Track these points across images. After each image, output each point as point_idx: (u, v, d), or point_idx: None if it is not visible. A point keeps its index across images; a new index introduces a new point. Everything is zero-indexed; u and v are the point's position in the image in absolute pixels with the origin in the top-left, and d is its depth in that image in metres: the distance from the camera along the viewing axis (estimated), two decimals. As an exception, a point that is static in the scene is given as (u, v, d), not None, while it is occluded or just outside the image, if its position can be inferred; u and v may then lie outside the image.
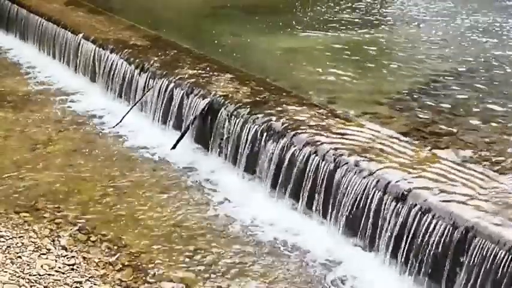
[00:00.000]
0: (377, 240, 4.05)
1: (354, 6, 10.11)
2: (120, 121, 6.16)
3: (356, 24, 8.92)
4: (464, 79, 6.62)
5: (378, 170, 4.13)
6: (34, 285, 3.75)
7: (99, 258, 4.08)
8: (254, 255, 4.20)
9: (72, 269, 3.94)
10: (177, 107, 5.81)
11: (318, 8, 9.91)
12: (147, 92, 6.18)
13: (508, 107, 5.73)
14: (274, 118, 4.97)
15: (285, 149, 4.69)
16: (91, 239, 4.30)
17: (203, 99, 5.54)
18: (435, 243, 3.67)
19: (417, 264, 3.80)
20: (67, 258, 4.06)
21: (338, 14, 9.61)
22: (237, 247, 4.29)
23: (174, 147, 5.55)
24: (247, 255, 4.20)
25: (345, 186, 4.22)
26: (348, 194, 4.19)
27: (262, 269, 4.07)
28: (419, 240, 3.76)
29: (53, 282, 3.79)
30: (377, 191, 4.02)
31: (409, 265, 3.85)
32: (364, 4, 10.36)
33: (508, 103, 5.85)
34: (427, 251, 3.72)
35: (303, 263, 4.13)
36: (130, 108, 6.23)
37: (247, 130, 5.02)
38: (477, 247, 3.48)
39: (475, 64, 7.15)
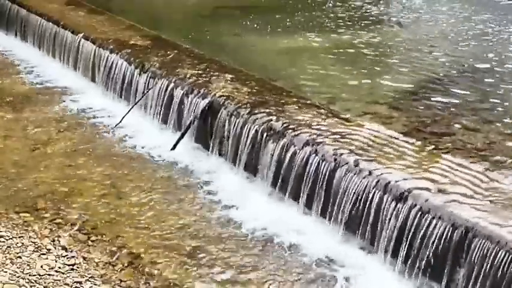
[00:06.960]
0: (377, 240, 4.05)
1: (355, 7, 10.11)
2: (120, 121, 6.16)
3: (357, 25, 8.92)
4: (465, 79, 6.62)
5: (377, 170, 4.13)
6: (34, 285, 3.75)
7: (99, 258, 4.08)
8: (254, 256, 4.20)
9: (72, 269, 3.94)
10: (177, 107, 5.82)
11: (318, 8, 9.91)
12: (147, 92, 6.18)
13: (508, 107, 5.73)
14: (274, 118, 4.97)
15: (285, 149, 4.69)
16: (91, 239, 4.30)
17: (203, 99, 5.54)
18: (435, 243, 3.68)
19: (417, 264, 3.80)
20: (67, 258, 4.06)
21: (339, 15, 9.62)
22: (237, 247, 4.29)
23: (174, 147, 5.56)
24: (247, 256, 4.20)
25: (345, 186, 4.22)
26: (347, 194, 4.19)
27: (261, 269, 4.07)
28: (419, 240, 3.77)
29: (53, 282, 3.79)
30: (377, 191, 4.03)
31: (409, 265, 3.85)
32: (365, 5, 10.36)
33: (508, 103, 5.86)
34: (427, 251, 3.72)
35: (302, 263, 4.12)
36: (131, 109, 6.23)
37: (247, 130, 5.03)
38: (477, 247, 3.48)
39: (475, 64, 7.15)
